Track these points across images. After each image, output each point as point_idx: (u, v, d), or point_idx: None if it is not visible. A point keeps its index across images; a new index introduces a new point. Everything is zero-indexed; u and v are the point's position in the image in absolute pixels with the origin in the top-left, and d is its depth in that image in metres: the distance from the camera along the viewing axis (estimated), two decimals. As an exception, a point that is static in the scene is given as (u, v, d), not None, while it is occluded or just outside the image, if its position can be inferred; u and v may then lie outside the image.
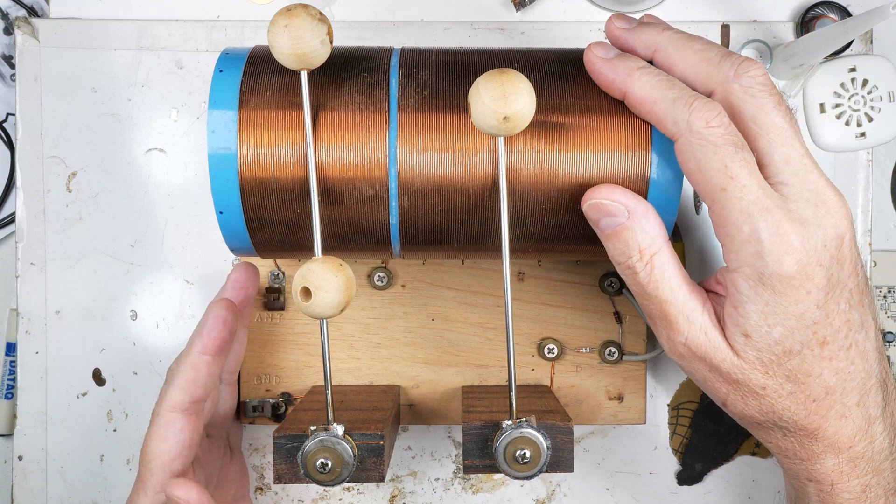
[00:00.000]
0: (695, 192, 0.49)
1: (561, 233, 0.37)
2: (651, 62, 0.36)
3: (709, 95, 0.34)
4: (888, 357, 0.40)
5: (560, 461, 0.36)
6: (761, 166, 0.33)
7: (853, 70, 0.48)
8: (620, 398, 0.48)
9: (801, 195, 0.33)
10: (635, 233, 0.34)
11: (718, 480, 0.50)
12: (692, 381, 0.37)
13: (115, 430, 0.49)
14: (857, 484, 0.35)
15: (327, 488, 0.49)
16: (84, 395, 0.49)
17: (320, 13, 0.33)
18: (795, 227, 0.32)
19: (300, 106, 0.35)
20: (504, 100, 0.31)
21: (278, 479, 0.36)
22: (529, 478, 0.35)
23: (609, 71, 0.34)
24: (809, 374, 0.33)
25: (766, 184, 0.32)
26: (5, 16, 0.52)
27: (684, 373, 0.36)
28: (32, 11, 0.51)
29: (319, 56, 0.34)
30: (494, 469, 0.36)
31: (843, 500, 0.35)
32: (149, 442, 0.39)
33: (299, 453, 0.35)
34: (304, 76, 0.34)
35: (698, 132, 0.32)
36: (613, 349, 0.47)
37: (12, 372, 0.51)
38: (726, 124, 0.32)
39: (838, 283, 0.33)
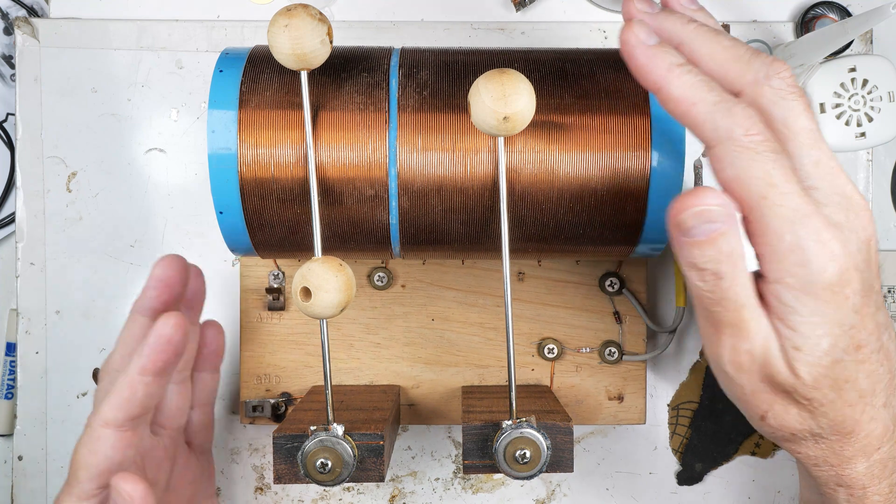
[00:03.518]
0: (695, 192, 0.49)
1: (561, 233, 0.37)
2: None
3: (736, 95, 0.33)
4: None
5: (560, 461, 0.36)
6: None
7: (853, 70, 0.48)
8: (620, 398, 0.48)
9: (831, 199, 0.32)
10: (731, 237, 0.31)
11: (718, 480, 0.50)
12: (730, 397, 0.35)
13: (115, 430, 0.49)
14: (886, 485, 0.35)
15: (327, 488, 0.49)
16: (84, 395, 0.49)
17: (320, 13, 0.33)
18: (833, 232, 0.31)
19: (300, 106, 0.35)
20: (504, 100, 0.31)
21: (278, 479, 0.36)
22: (529, 478, 0.35)
23: (648, 61, 0.32)
24: (848, 381, 0.33)
25: (803, 190, 0.31)
26: (5, 16, 0.52)
27: (725, 388, 0.35)
28: (32, 11, 0.51)
29: (319, 56, 0.34)
30: (494, 469, 0.36)
31: (873, 503, 0.35)
32: (79, 450, 0.37)
33: (299, 453, 0.35)
34: (304, 76, 0.34)
35: (738, 139, 0.31)
36: (613, 349, 0.47)
37: (12, 372, 0.51)
38: (765, 131, 0.31)
39: (870, 286, 0.32)
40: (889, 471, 0.35)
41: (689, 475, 0.50)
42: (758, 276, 0.33)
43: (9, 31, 0.52)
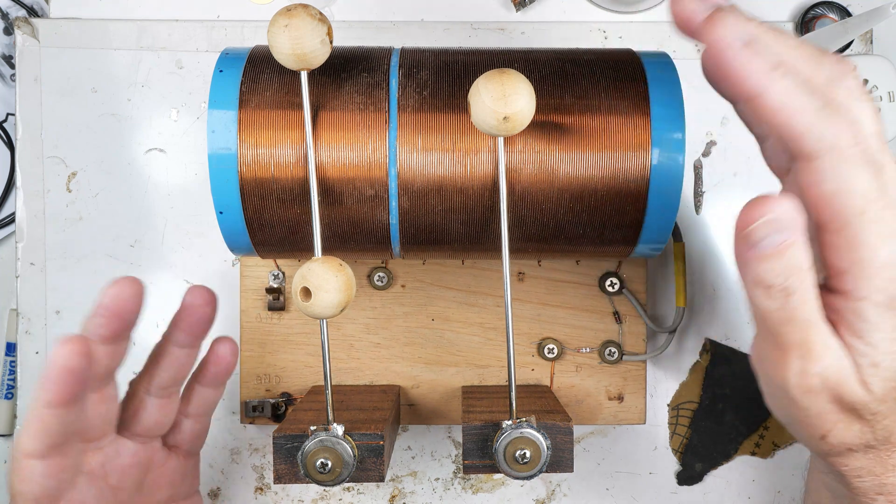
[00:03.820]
0: (695, 192, 0.49)
1: (561, 233, 0.37)
2: None
3: None
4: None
5: (560, 461, 0.36)
6: None
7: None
8: (620, 398, 0.48)
9: None
10: (800, 248, 0.29)
11: (718, 480, 0.50)
12: (783, 423, 0.33)
13: (115, 430, 0.49)
14: None
15: (327, 488, 0.49)
16: (84, 395, 0.49)
17: (320, 13, 0.33)
18: None
19: (300, 106, 0.35)
20: (504, 100, 0.31)
21: (278, 479, 0.36)
22: (529, 478, 0.35)
23: (745, 64, 0.29)
24: None
25: (892, 202, 0.29)
26: (5, 16, 0.52)
27: (782, 411, 0.33)
28: (32, 11, 0.51)
29: (319, 56, 0.34)
30: (494, 469, 0.36)
31: None
32: (12, 480, 0.36)
33: (299, 453, 0.35)
34: (304, 76, 0.34)
35: (843, 150, 0.29)
36: (613, 349, 0.47)
37: (12, 372, 0.51)
38: (865, 139, 0.29)
39: None
40: None
41: (689, 475, 0.50)
42: (828, 292, 0.31)
43: (9, 31, 0.52)
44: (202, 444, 0.44)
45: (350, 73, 0.36)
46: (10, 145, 0.51)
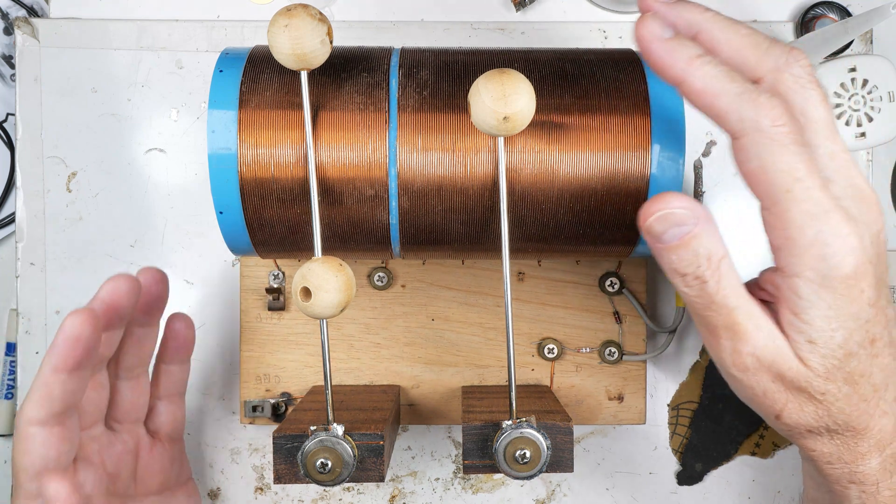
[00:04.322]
0: (695, 192, 0.49)
1: (561, 233, 0.37)
2: None
3: (754, 82, 0.33)
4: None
5: (560, 461, 0.36)
6: None
7: (853, 70, 0.48)
8: (620, 398, 0.48)
9: (846, 192, 0.32)
10: (704, 239, 0.32)
11: (718, 480, 0.50)
12: (742, 399, 0.35)
13: (115, 430, 0.49)
14: None
15: (327, 488, 0.49)
16: (84, 395, 0.49)
17: (320, 13, 0.33)
18: (851, 226, 0.31)
19: (300, 106, 0.35)
20: (504, 100, 0.31)
21: (278, 479, 0.36)
22: (529, 478, 0.35)
23: (667, 55, 0.32)
24: (863, 375, 0.33)
25: (824, 183, 0.31)
26: (5, 16, 0.52)
27: (736, 391, 0.35)
28: (32, 11, 0.51)
29: (319, 56, 0.34)
30: (494, 469, 0.36)
31: (885, 499, 0.34)
32: (14, 453, 0.37)
33: (299, 453, 0.35)
34: (304, 76, 0.34)
35: (765, 131, 0.30)
36: (613, 349, 0.47)
37: (12, 372, 0.51)
38: (791, 122, 0.31)
39: (881, 279, 0.32)
40: None
41: (689, 475, 0.50)
42: (774, 270, 0.33)
43: (9, 31, 0.52)
44: (182, 429, 0.46)
45: (350, 73, 0.36)
46: (10, 145, 0.51)
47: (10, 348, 0.51)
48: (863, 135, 0.48)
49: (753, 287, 0.35)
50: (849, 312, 0.32)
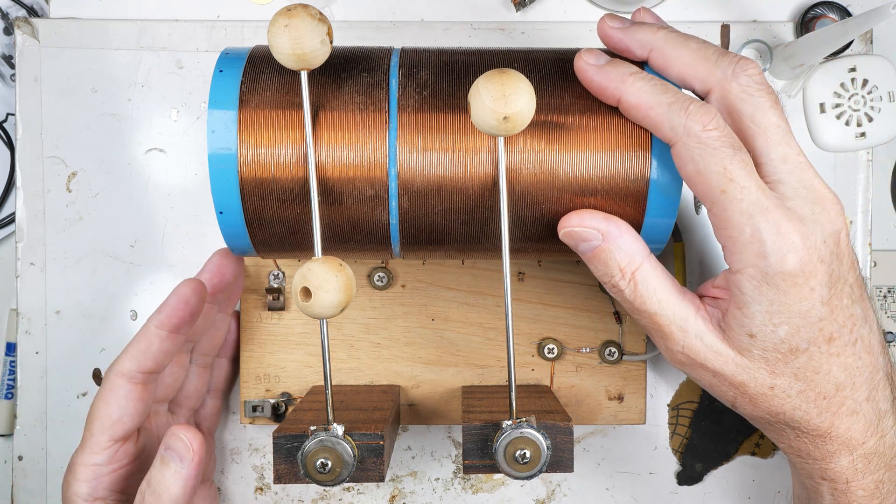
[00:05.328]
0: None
1: (561, 233, 0.37)
2: (646, 62, 0.36)
3: (706, 94, 0.34)
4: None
5: (560, 461, 0.36)
6: (758, 165, 0.33)
7: (853, 70, 0.48)
8: (620, 398, 0.48)
9: (798, 193, 0.33)
10: (612, 253, 0.34)
11: (718, 480, 0.50)
12: (697, 384, 0.37)
13: (115, 430, 0.49)
14: (871, 480, 0.35)
15: (327, 488, 0.49)
16: (84, 395, 0.49)
17: (320, 13, 0.33)
18: (795, 225, 0.32)
19: (300, 106, 0.35)
20: (504, 100, 0.31)
21: (278, 479, 0.36)
22: (529, 478, 0.35)
23: (601, 78, 0.34)
24: (818, 372, 0.33)
25: (763, 184, 0.33)
26: (5, 16, 0.52)
27: (692, 379, 0.37)
28: (32, 11, 0.51)
29: (319, 56, 0.34)
30: (494, 469, 0.36)
31: (858, 498, 0.35)
32: (94, 403, 0.40)
33: (299, 453, 0.35)
34: (304, 76, 0.34)
35: (696, 136, 0.32)
36: (613, 349, 0.47)
37: (12, 372, 0.51)
38: (722, 126, 0.32)
39: (839, 278, 0.33)
40: (874, 466, 0.35)
41: (689, 475, 0.50)
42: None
43: (9, 31, 0.52)
44: (217, 426, 0.48)
45: (350, 73, 0.36)
46: (10, 145, 0.51)
47: (10, 348, 0.51)
48: (863, 135, 0.48)
49: (709, 286, 0.36)
50: (795, 309, 0.33)
